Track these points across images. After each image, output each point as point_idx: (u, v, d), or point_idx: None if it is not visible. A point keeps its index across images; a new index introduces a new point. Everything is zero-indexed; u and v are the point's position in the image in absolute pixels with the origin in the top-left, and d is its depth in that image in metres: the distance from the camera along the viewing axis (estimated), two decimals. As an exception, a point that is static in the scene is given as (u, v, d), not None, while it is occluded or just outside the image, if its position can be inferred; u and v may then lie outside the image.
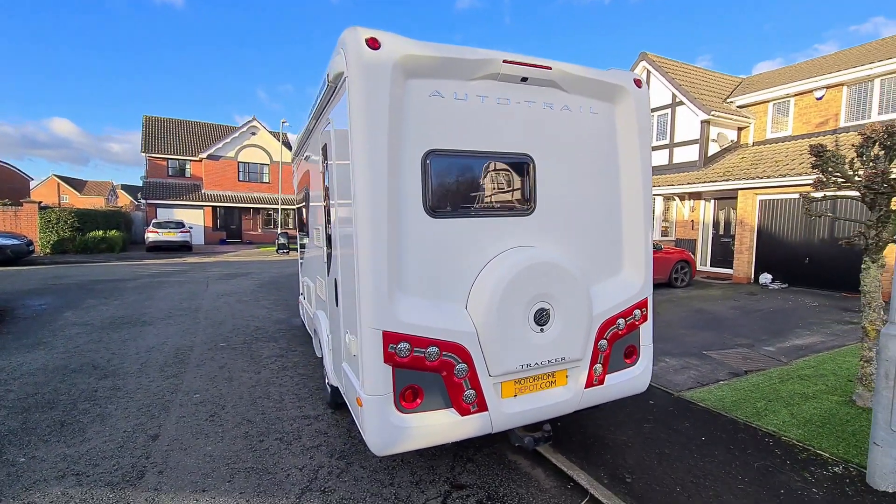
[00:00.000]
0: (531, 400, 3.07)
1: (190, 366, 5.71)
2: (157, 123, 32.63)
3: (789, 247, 11.23)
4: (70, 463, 3.41)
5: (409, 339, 2.68)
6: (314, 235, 4.62)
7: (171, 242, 22.49)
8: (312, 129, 4.27)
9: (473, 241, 2.97)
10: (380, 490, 3.13)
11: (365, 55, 2.54)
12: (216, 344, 6.73)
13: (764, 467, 3.32)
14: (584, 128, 3.31)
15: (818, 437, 3.67)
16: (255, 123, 32.02)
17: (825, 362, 5.48)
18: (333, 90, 3.02)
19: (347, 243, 2.93)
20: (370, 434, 2.70)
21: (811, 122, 12.46)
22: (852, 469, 3.25)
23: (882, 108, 11.02)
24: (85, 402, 4.54)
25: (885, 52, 11.53)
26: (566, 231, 3.28)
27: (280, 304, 9.88)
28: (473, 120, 2.92)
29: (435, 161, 2.82)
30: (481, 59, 2.85)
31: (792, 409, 4.16)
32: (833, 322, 7.66)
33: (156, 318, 8.33)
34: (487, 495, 3.11)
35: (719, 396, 4.50)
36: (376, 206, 2.58)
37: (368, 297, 2.61)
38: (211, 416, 4.26)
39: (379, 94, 2.57)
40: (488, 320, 2.80)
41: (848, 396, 4.37)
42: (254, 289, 12.07)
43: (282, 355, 6.19)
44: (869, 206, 4.21)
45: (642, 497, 3.02)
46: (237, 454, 3.57)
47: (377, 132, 2.57)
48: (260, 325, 8.00)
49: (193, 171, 31.66)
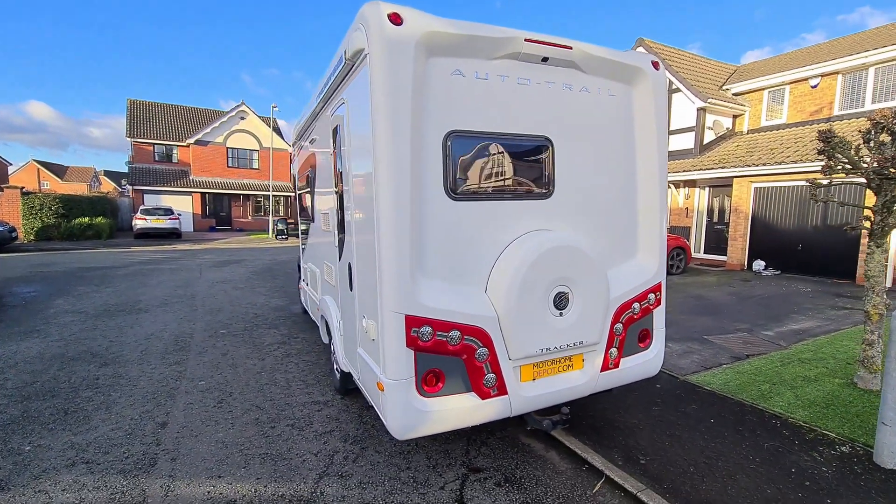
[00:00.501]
0: (549, 383, 3.07)
1: (192, 353, 5.63)
2: (142, 107, 31.77)
3: (782, 234, 11.40)
4: (79, 451, 3.34)
5: (432, 323, 2.65)
6: (321, 220, 4.54)
7: (159, 230, 22.09)
8: (320, 112, 4.16)
9: (492, 224, 2.93)
10: (397, 474, 3.13)
11: (387, 31, 2.45)
12: (216, 331, 6.64)
13: (774, 448, 3.38)
14: (602, 110, 3.27)
15: (824, 419, 3.74)
16: (244, 108, 31.36)
17: (823, 346, 5.59)
18: (350, 69, 2.93)
19: (365, 227, 2.87)
20: (392, 418, 2.68)
21: (805, 110, 12.56)
22: (859, 448, 3.33)
23: (876, 96, 11.13)
24: (87, 389, 4.46)
25: (879, 40, 11.61)
26: (583, 215, 3.25)
27: (277, 292, 9.78)
28: (494, 100, 2.86)
29: (456, 142, 2.76)
30: (503, 38, 2.78)
31: (796, 392, 4.24)
32: (827, 307, 7.82)
33: (151, 306, 8.19)
34: (504, 477, 3.12)
35: (724, 380, 4.57)
36: (399, 189, 2.53)
37: (391, 281, 2.57)
38: (219, 402, 4.21)
39: (402, 73, 2.49)
40: (509, 304, 2.78)
41: (849, 379, 4.47)
42: (248, 276, 11.92)
43: (284, 342, 6.14)
44: (875, 191, 4.24)
45: (657, 477, 3.06)
46: (249, 440, 3.54)
47: (400, 112, 2.50)
48: (259, 312, 7.91)
49: (181, 157, 30.99)
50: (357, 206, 3.06)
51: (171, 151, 30.94)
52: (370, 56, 2.51)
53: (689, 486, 2.97)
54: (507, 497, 2.91)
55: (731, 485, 2.96)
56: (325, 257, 4.45)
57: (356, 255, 3.20)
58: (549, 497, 2.92)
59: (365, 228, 2.90)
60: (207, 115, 33.86)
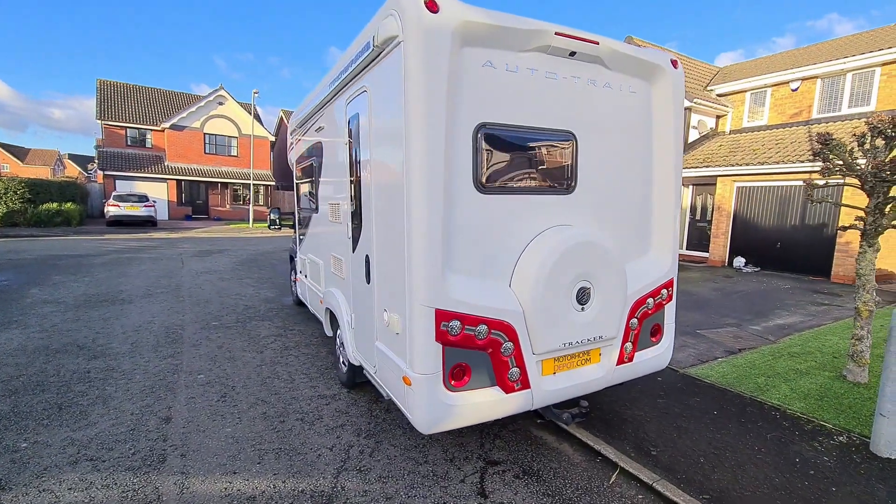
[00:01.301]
0: (568, 377, 3.10)
1: (186, 345, 5.46)
2: (113, 89, 30.39)
3: (762, 232, 11.80)
4: (80, 448, 3.20)
5: (461, 318, 2.63)
6: (327, 211, 4.44)
7: (133, 217, 21.28)
8: (330, 100, 4.04)
9: (518, 218, 2.93)
10: (416, 468, 3.12)
11: (425, 19, 2.40)
12: (208, 323, 6.45)
13: (776, 438, 3.51)
14: (623, 107, 3.29)
15: (819, 410, 3.91)
16: (223, 93, 30.37)
17: (809, 340, 5.82)
18: (376, 56, 2.85)
19: (391, 219, 2.82)
20: (419, 412, 2.66)
21: (786, 113, 12.98)
22: (855, 438, 3.49)
23: (852, 101, 11.59)
24: (79, 383, 4.27)
25: (857, 47, 12.06)
26: (603, 210, 3.28)
27: (265, 283, 9.57)
28: (522, 93, 2.84)
29: (485, 134, 2.74)
30: (534, 30, 2.75)
31: (790, 385, 4.41)
32: (807, 303, 8.15)
33: (135, 297, 7.89)
34: (522, 470, 3.15)
35: (721, 373, 4.71)
36: (433, 181, 2.49)
37: (422, 274, 2.53)
38: (222, 396, 4.10)
39: (438, 62, 2.44)
40: (535, 299, 2.79)
41: (838, 372, 4.67)
42: (233, 266, 11.62)
43: (280, 335, 6.02)
44: (868, 193, 4.42)
45: (670, 468, 3.14)
46: (260, 435, 3.46)
47: (435, 103, 2.45)
48: (249, 303, 7.72)
49: (155, 142, 29.82)
50: (380, 198, 3.00)
51: (145, 136, 29.74)
52: (405, 44, 2.44)
53: (701, 475, 3.05)
54: (527, 489, 2.94)
55: (742, 474, 3.06)
56: (332, 249, 4.37)
57: (376, 248, 3.14)
58: (569, 489, 2.96)
59: (390, 220, 2.84)
60: (184, 98, 32.66)
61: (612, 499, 2.88)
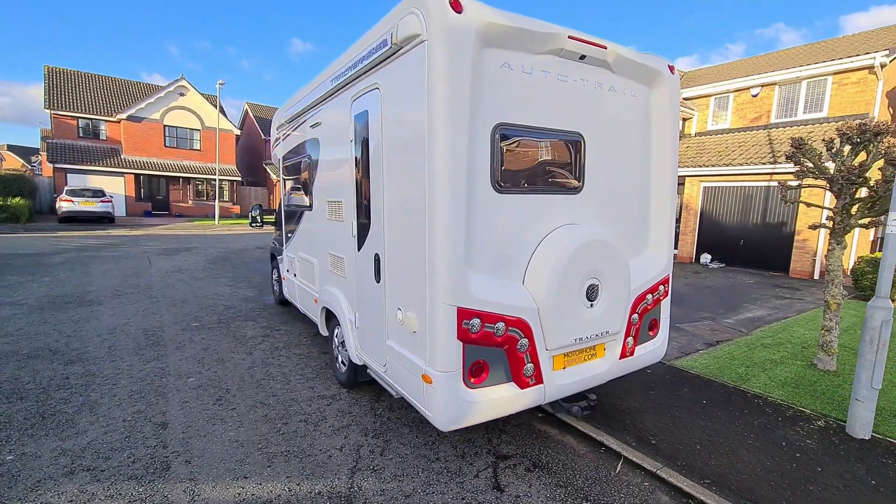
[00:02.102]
0: (576, 372, 3.20)
1: (168, 348, 5.24)
2: (63, 76, 28.50)
3: (727, 230, 12.44)
4: (73, 458, 3.03)
5: (481, 315, 2.66)
6: (324, 209, 4.36)
7: (89, 213, 20.08)
8: (331, 96, 3.97)
9: (530, 217, 2.98)
10: (429, 465, 3.14)
11: (450, 18, 2.41)
12: (188, 324, 6.21)
13: (763, 424, 3.74)
14: (625, 110, 3.40)
15: (797, 397, 4.19)
16: (184, 84, 29.05)
17: (779, 332, 6.21)
18: (392, 54, 2.83)
19: (407, 218, 2.82)
20: (439, 410, 2.68)
21: (747, 117, 13.71)
22: (831, 422, 3.77)
23: (807, 107, 12.37)
24: (59, 390, 4.03)
25: (811, 57, 12.88)
26: (608, 209, 3.39)
27: (242, 282, 9.28)
28: (536, 95, 2.89)
29: (503, 135, 2.77)
30: (550, 33, 2.81)
31: (768, 374, 4.70)
32: (772, 297, 8.68)
33: (104, 297, 7.48)
34: (532, 463, 3.22)
35: (704, 364, 4.96)
36: (456, 181, 2.50)
37: (445, 273, 2.55)
38: (217, 399, 3.97)
39: (462, 62, 2.46)
40: (549, 296, 2.86)
41: (809, 361, 5.02)
42: (205, 265, 11.20)
43: (267, 335, 5.87)
44: (836, 194, 4.76)
45: (670, 456, 3.30)
46: (265, 438, 3.38)
47: (459, 103, 2.47)
48: (229, 303, 7.48)
49: (110, 134, 28.19)
50: (395, 196, 2.98)
51: (99, 127, 28.07)
52: (430, 43, 2.44)
53: (700, 462, 3.22)
54: (540, 481, 3.01)
55: (736, 459, 3.25)
56: (330, 247, 4.30)
57: (388, 246, 3.13)
58: (579, 479, 3.05)
59: (406, 219, 2.84)
60: (142, 88, 31.04)
61: (621, 487, 3.00)
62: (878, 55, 10.82)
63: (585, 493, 2.91)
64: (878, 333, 3.40)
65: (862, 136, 4.42)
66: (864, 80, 11.30)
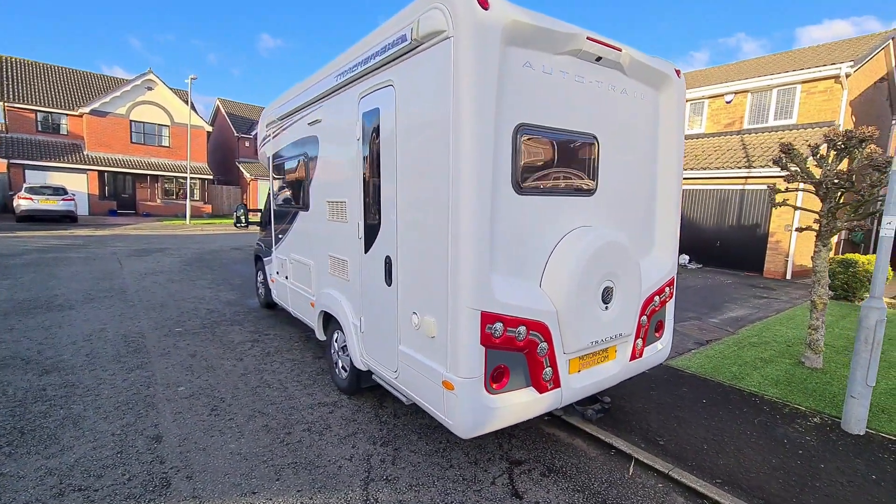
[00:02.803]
0: (590, 374, 3.19)
1: (152, 355, 4.96)
2: (18, 66, 26.90)
3: (704, 232, 12.83)
4: (61, 477, 2.81)
5: (503, 319, 2.61)
6: (325, 210, 4.21)
7: (50, 212, 19.00)
8: (334, 93, 3.84)
9: (548, 219, 2.95)
10: (443, 473, 3.06)
11: (479, 15, 2.34)
12: (170, 329, 5.91)
13: (763, 423, 3.83)
14: (635, 112, 3.42)
15: (791, 394, 4.32)
16: (152, 77, 27.89)
17: (763, 331, 6.42)
18: (410, 50, 2.74)
19: (425, 219, 2.74)
20: (462, 416, 2.60)
21: (720, 123, 14.19)
22: (826, 419, 3.89)
23: (777, 114, 12.91)
24: (36, 402, 3.74)
25: (781, 66, 13.44)
26: (618, 211, 3.39)
27: (222, 284, 8.94)
28: (555, 96, 2.87)
29: (523, 135, 2.73)
30: (570, 34, 2.78)
31: (761, 372, 4.83)
32: (750, 297, 8.98)
33: (74, 302, 7.06)
34: (547, 468, 3.19)
35: (699, 363, 5.06)
36: (482, 182, 2.44)
37: (469, 276, 2.48)
38: (212, 409, 3.78)
39: (489, 60, 2.40)
40: (569, 299, 2.83)
41: (796, 359, 5.19)
42: (180, 267, 10.75)
43: (256, 340, 5.65)
44: (822, 198, 4.94)
45: (680, 457, 3.32)
46: (269, 449, 3.22)
47: (485, 101, 2.41)
48: (211, 307, 7.18)
49: (72, 128, 26.77)
50: (411, 198, 2.89)
51: (59, 121, 26.62)
52: (456, 40, 2.37)
53: (708, 461, 3.26)
54: (557, 486, 2.98)
55: (742, 458, 3.30)
56: (330, 249, 4.16)
57: (401, 249, 3.03)
58: (595, 483, 3.04)
59: (424, 221, 2.76)
60: (106, 82, 29.66)
61: (636, 489, 3.00)
62: (843, 65, 11.38)
63: (603, 496, 2.90)
64: (872, 333, 3.52)
65: (848, 142, 4.59)
66: (830, 90, 11.86)
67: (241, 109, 37.06)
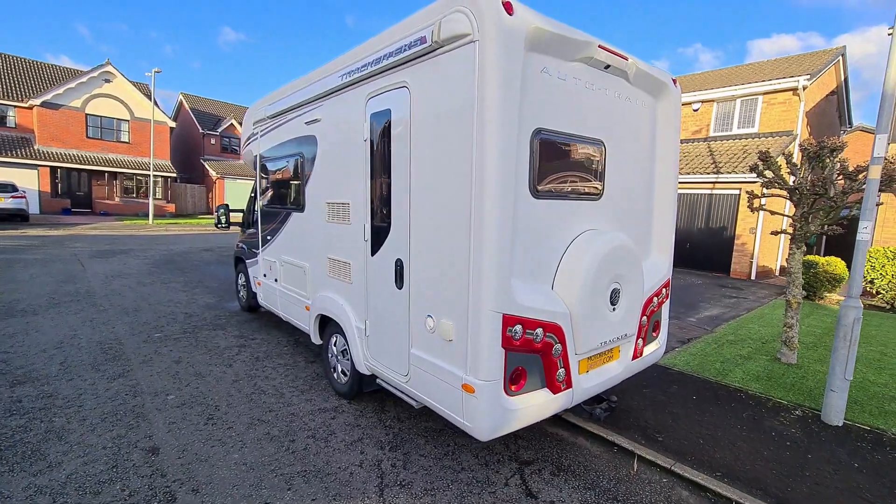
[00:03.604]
0: (597, 374, 3.26)
1: (133, 362, 4.72)
2: (-41, 53, 24.95)
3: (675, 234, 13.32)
4: (54, 496, 2.63)
5: (523, 322, 2.64)
6: (324, 211, 4.12)
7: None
8: (334, 92, 3.77)
9: (560, 223, 3.00)
10: (456, 476, 3.05)
11: (505, 21, 2.36)
12: (149, 335, 5.64)
13: (751, 416, 4.02)
14: (637, 119, 3.53)
15: (772, 389, 4.56)
16: (110, 69, 26.49)
17: (738, 329, 6.74)
18: (429, 52, 2.72)
19: (444, 223, 2.73)
20: (483, 419, 2.61)
21: (689, 130, 14.81)
22: (807, 411, 4.13)
23: (741, 123, 13.60)
24: (13, 416, 3.49)
25: (744, 77, 14.17)
26: (622, 215, 3.49)
27: (197, 287, 8.60)
28: (568, 101, 2.92)
29: (540, 140, 2.77)
30: (584, 41, 2.85)
31: (742, 368, 5.07)
32: (721, 297, 9.41)
33: (38, 307, 6.61)
34: (556, 467, 3.24)
35: (685, 361, 5.27)
36: (505, 187, 2.46)
37: (492, 280, 2.49)
38: (208, 418, 3.63)
39: (514, 65, 2.42)
40: (582, 300, 2.89)
41: (772, 355, 5.48)
42: (149, 269, 10.26)
43: (243, 345, 5.47)
44: (795, 203, 5.24)
45: (679, 452, 3.45)
46: (275, 459, 3.12)
47: (509, 106, 2.43)
48: (189, 311, 6.89)
49: (20, 121, 25.04)
50: (426, 201, 2.87)
51: (6, 113, 24.83)
52: (481, 44, 2.38)
53: (707, 455, 3.40)
54: (568, 485, 3.03)
55: (737, 451, 3.46)
56: (329, 251, 4.08)
57: (414, 251, 3.01)
58: (604, 480, 3.11)
59: (443, 224, 2.74)
60: (58, 72, 27.92)
61: (643, 485, 3.09)
62: (801, 78, 12.11)
63: (614, 493, 2.97)
64: (850, 330, 3.77)
65: (821, 151, 4.90)
66: (788, 101, 12.60)
67: (206, 105, 35.76)
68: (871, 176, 3.67)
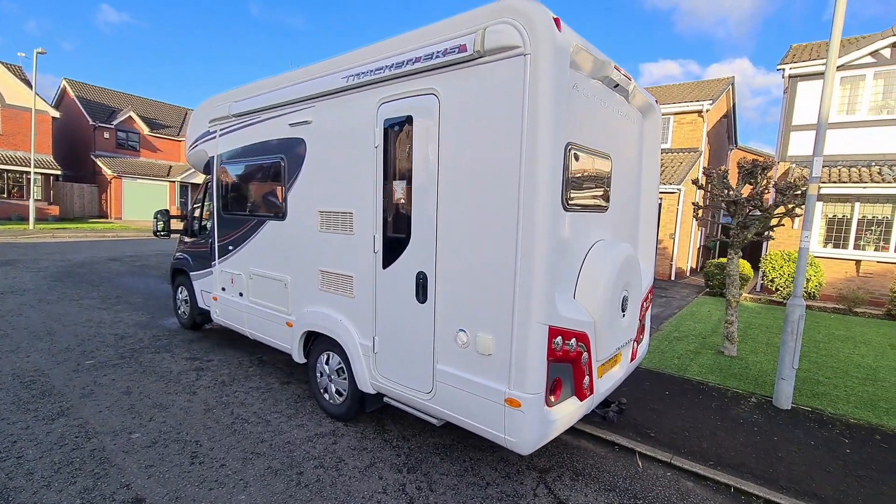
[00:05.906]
0: (608, 378, 3.41)
1: (70, 397, 3.99)
2: None
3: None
4: (25, 574, 2.12)
5: (563, 333, 2.68)
6: (316, 220, 3.80)
7: None
8: (337, 93, 3.52)
9: (580, 234, 3.10)
10: (484, 492, 3.00)
11: (557, 37, 2.39)
12: (78, 363, 4.81)
13: (718, 407, 4.47)
14: (631, 136, 3.77)
15: (726, 380, 5.10)
16: (-28, 46, 22.28)
17: (679, 326, 7.46)
18: (467, 60, 2.65)
19: (483, 235, 2.68)
20: (528, 433, 2.59)
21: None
22: (760, 398, 4.68)
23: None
24: (-74, 479, 2.76)
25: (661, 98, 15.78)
26: (621, 225, 3.70)
27: (119, 304, 7.53)
28: (589, 117, 3.04)
29: (571, 154, 2.84)
30: (604, 61, 2.98)
31: (696, 362, 5.62)
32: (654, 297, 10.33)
33: (-89, 335, 5.33)
34: (573, 472, 3.32)
35: (647, 359, 5.70)
36: (553, 200, 2.49)
37: (541, 292, 2.49)
38: (192, 457, 3.18)
39: (562, 81, 2.46)
40: (604, 309, 3.01)
41: (716, 349, 6.14)
42: (48, 283, 8.78)
43: (200, 368, 4.89)
44: (732, 214, 5.95)
45: (671, 445, 3.72)
46: (290, 496, 2.82)
47: (557, 121, 2.46)
48: (118, 331, 6.00)
49: None
50: (460, 213, 2.79)
51: None
52: (533, 58, 2.38)
53: (696, 447, 3.71)
54: (590, 488, 3.12)
55: (718, 440, 3.82)
56: (322, 263, 3.79)
57: (444, 265, 2.91)
58: (620, 480, 3.25)
59: (482, 236, 2.69)
60: None
61: (654, 480, 3.28)
62: (704, 103, 13.81)
63: (633, 492, 3.11)
64: (796, 325, 4.35)
65: (754, 168, 5.62)
66: (695, 121, 14.28)
67: (97, 94, 31.49)
68: (810, 192, 4.28)
